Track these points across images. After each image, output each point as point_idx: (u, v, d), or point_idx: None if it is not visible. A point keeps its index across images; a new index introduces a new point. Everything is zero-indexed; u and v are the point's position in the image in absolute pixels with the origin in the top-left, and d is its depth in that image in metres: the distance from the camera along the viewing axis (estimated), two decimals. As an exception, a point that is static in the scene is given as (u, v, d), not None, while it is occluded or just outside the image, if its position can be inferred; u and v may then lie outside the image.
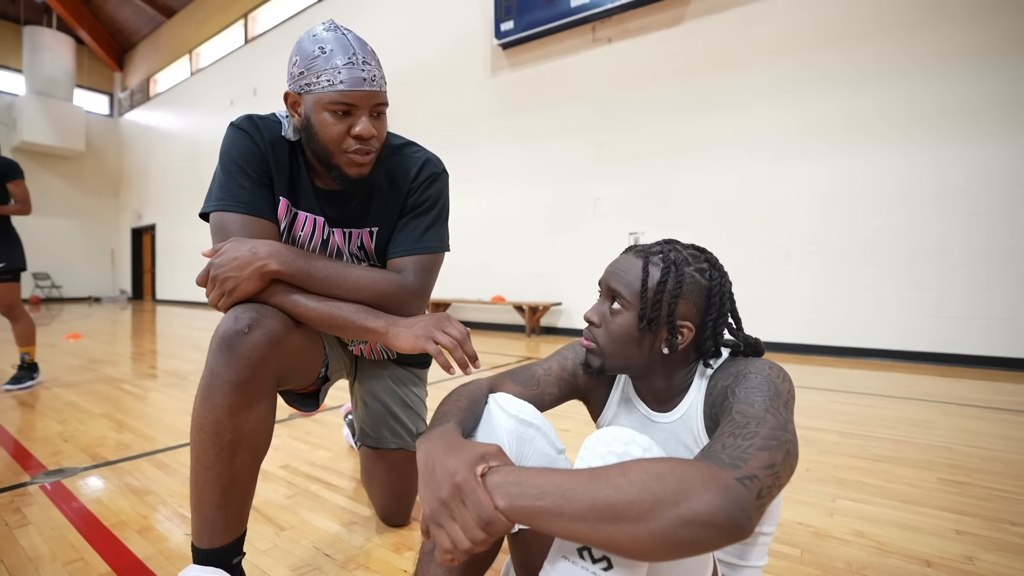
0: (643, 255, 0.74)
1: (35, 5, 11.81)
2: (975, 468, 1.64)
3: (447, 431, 0.62)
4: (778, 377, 0.65)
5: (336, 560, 1.09)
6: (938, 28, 3.71)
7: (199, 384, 0.80)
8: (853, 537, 1.19)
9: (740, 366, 0.69)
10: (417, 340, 0.85)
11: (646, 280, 0.71)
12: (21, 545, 1.14)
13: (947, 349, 3.71)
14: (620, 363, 0.76)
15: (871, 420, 2.21)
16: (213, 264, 0.83)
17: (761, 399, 0.60)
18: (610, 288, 0.75)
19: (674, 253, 0.73)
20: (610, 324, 0.74)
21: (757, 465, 0.50)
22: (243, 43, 10.07)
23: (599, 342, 0.75)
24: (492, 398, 0.75)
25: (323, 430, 2.05)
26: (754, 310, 4.39)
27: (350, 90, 0.85)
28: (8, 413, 2.27)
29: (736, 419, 0.58)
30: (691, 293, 0.72)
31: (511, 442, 0.70)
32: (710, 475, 0.47)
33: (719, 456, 0.51)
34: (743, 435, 0.54)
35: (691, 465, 0.48)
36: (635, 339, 0.73)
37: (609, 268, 0.77)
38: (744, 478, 0.48)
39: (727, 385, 0.67)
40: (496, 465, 0.55)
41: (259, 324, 0.80)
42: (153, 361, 3.93)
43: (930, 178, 3.74)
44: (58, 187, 12.78)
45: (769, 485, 0.49)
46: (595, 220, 5.37)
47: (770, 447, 0.52)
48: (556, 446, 0.75)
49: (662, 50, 4.95)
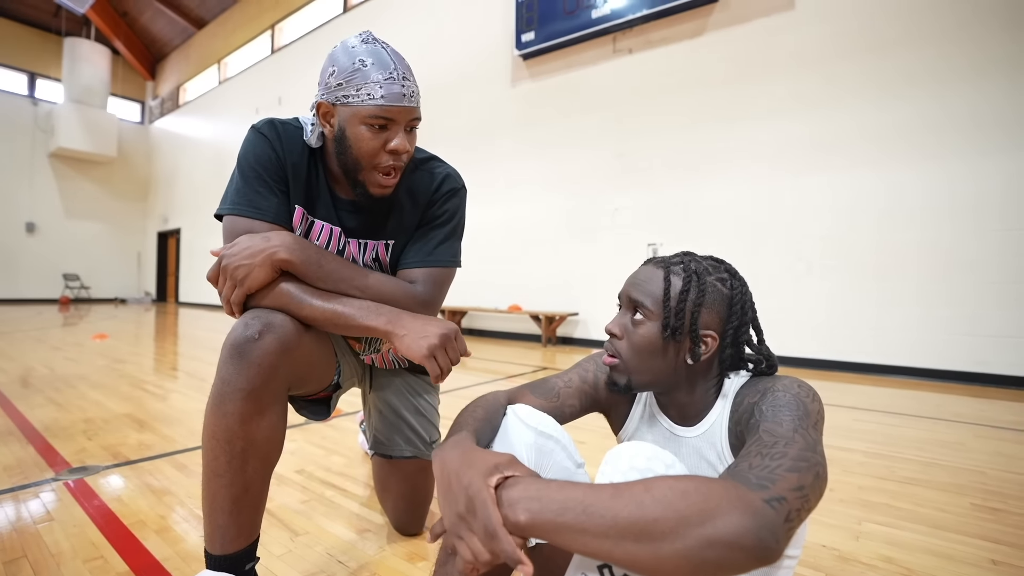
0: (664, 265, 0.74)
1: (75, 18, 12.31)
2: (1011, 495, 1.56)
3: (461, 440, 0.62)
4: (807, 396, 0.63)
5: (349, 567, 1.09)
6: (968, 38, 3.62)
7: (211, 391, 0.80)
8: (881, 563, 1.14)
9: (767, 383, 0.67)
10: (423, 353, 0.83)
11: (668, 289, 0.71)
12: (44, 541, 1.16)
13: (978, 368, 3.58)
14: (646, 378, 0.74)
15: (898, 440, 2.14)
16: (225, 255, 0.83)
17: (789, 418, 0.58)
18: (631, 299, 0.74)
19: (694, 263, 0.73)
20: (633, 336, 0.73)
21: (786, 487, 0.48)
22: (269, 53, 10.35)
23: (622, 355, 0.74)
24: (511, 410, 0.74)
25: (339, 435, 2.06)
26: (775, 323, 4.29)
27: (390, 105, 0.85)
28: (37, 411, 2.33)
29: (763, 438, 0.56)
30: (713, 302, 0.71)
31: (530, 455, 0.69)
32: (737, 495, 0.45)
33: (746, 476, 0.49)
34: (771, 455, 0.52)
35: (717, 484, 0.47)
36: (659, 350, 0.72)
37: (629, 280, 0.76)
38: (772, 499, 0.46)
39: (754, 402, 0.65)
40: (512, 475, 0.54)
41: (270, 330, 0.79)
42: (175, 363, 4.01)
43: (959, 192, 3.63)
44: (90, 191, 13.24)
45: (798, 508, 0.47)
46: (613, 230, 5.35)
47: (799, 468, 0.50)
48: (576, 460, 0.74)
49: (683, 61, 4.93)
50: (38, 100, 12.50)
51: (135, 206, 14.24)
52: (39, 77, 12.70)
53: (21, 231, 12.07)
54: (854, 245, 4.02)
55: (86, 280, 12.98)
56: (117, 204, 13.80)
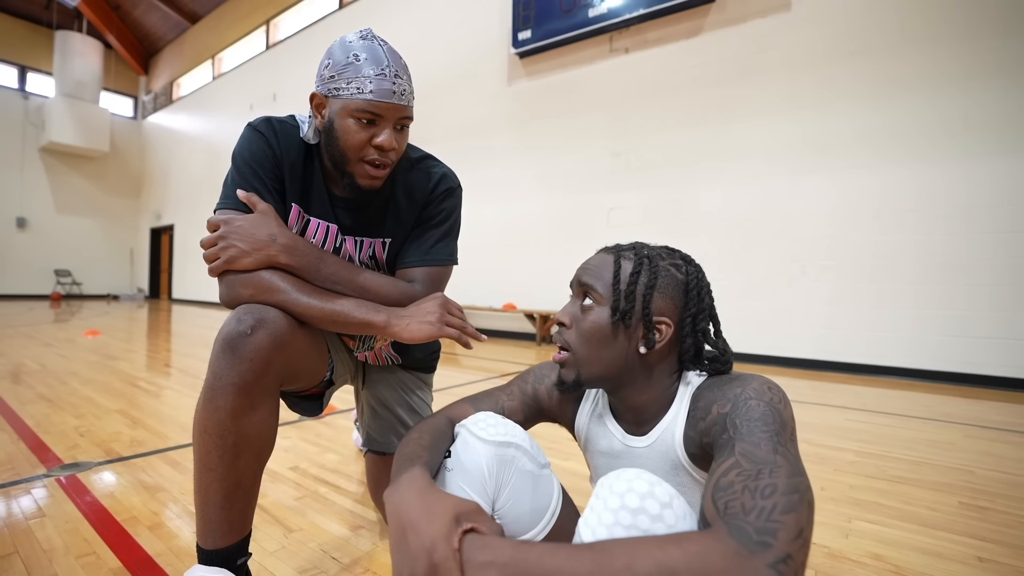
0: (615, 251, 0.72)
1: (67, 10, 12.18)
2: (998, 493, 1.59)
3: (415, 478, 0.57)
4: (779, 401, 0.59)
5: (342, 563, 1.09)
6: (961, 42, 3.65)
7: (203, 386, 0.80)
8: (870, 560, 1.15)
9: (735, 388, 0.62)
10: (432, 328, 0.86)
11: (618, 272, 0.69)
12: (36, 537, 1.15)
13: (968, 369, 3.62)
14: (596, 369, 0.69)
15: (888, 440, 2.16)
16: (231, 224, 0.85)
17: (767, 436, 0.53)
18: (581, 284, 0.71)
19: (646, 249, 0.72)
20: (582, 323, 0.70)
21: (788, 538, 0.42)
22: (264, 49, 10.28)
23: (572, 346, 0.70)
24: (463, 426, 0.71)
25: (333, 433, 2.06)
26: (769, 324, 4.33)
27: (378, 101, 0.85)
28: (28, 407, 2.32)
29: (743, 465, 0.51)
30: (667, 287, 0.68)
31: (491, 468, 0.67)
32: (738, 566, 0.40)
33: (743, 526, 0.43)
34: (760, 490, 0.47)
35: (714, 551, 0.41)
36: (609, 336, 0.68)
37: (581, 266, 0.74)
38: (778, 562, 0.41)
39: (724, 413, 0.60)
40: (474, 529, 0.50)
41: (262, 325, 0.79)
42: (168, 359, 3.99)
43: (952, 194, 3.67)
44: (82, 187, 13.12)
45: (802, 562, 0.42)
46: (608, 230, 5.36)
47: (794, 507, 0.45)
48: (539, 461, 0.72)
49: (679, 61, 4.94)
50: (29, 94, 12.36)
51: (128, 202, 14.12)
52: (30, 70, 12.56)
53: (11, 226, 11.95)
54: (848, 247, 4.05)
55: (78, 276, 12.87)
56: (110, 200, 13.68)
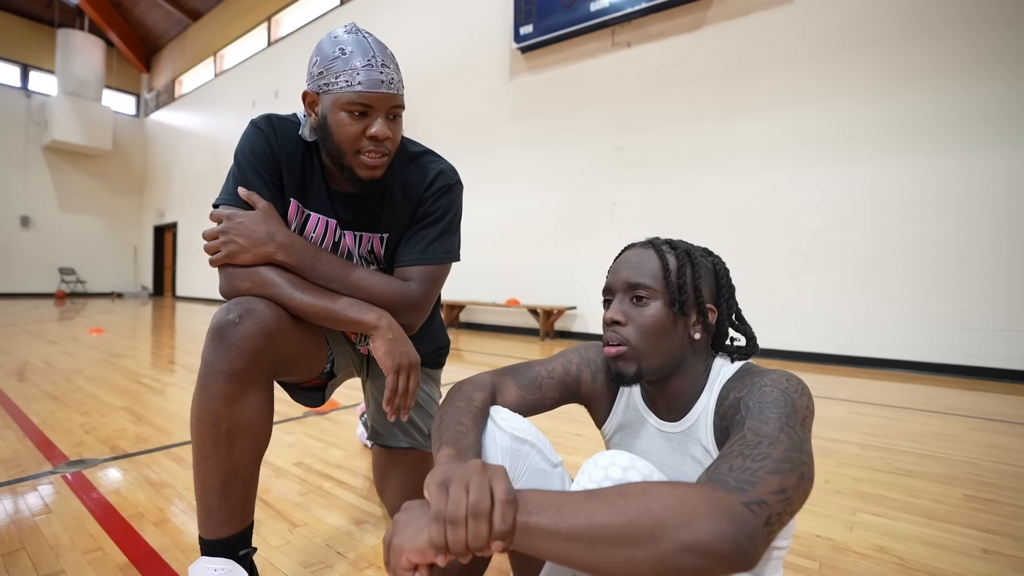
0: (651, 246, 0.75)
1: (68, 8, 12.18)
2: (1003, 485, 1.58)
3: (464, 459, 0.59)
4: (796, 391, 0.60)
5: (348, 558, 1.09)
6: (962, 36, 3.61)
7: (197, 376, 0.81)
8: (875, 552, 1.15)
9: (755, 377, 0.65)
10: (393, 366, 0.89)
11: (667, 266, 0.71)
12: (43, 533, 1.16)
13: (972, 362, 3.60)
14: (656, 361, 0.71)
15: (893, 433, 2.16)
16: (232, 220, 0.88)
17: (776, 415, 0.56)
18: (629, 283, 0.72)
19: (677, 242, 0.76)
20: (639, 318, 0.71)
21: (767, 489, 0.46)
22: (266, 45, 10.26)
23: (631, 341, 0.71)
24: (492, 412, 0.73)
25: (337, 428, 2.07)
26: (772, 317, 4.31)
27: (368, 91, 0.85)
28: (34, 404, 2.33)
29: (747, 437, 0.54)
30: (706, 276, 0.74)
31: (505, 459, 0.69)
32: (714, 498, 0.44)
33: (725, 478, 0.48)
34: (753, 456, 0.50)
35: (694, 488, 0.46)
36: (669, 328, 0.70)
37: (619, 265, 0.75)
38: (752, 503, 0.45)
39: (740, 397, 0.63)
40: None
41: (250, 315, 0.82)
42: (172, 356, 4.01)
43: (956, 187, 3.64)
44: (86, 185, 13.15)
45: (779, 512, 0.46)
46: (611, 225, 5.34)
47: (782, 471, 0.49)
48: (551, 460, 0.73)
49: (682, 55, 4.91)
50: (31, 92, 12.38)
51: (131, 200, 14.15)
52: (32, 69, 12.57)
53: (16, 225, 12.00)
54: (850, 240, 4.03)
55: (82, 274, 12.92)
56: (113, 198, 13.71)
